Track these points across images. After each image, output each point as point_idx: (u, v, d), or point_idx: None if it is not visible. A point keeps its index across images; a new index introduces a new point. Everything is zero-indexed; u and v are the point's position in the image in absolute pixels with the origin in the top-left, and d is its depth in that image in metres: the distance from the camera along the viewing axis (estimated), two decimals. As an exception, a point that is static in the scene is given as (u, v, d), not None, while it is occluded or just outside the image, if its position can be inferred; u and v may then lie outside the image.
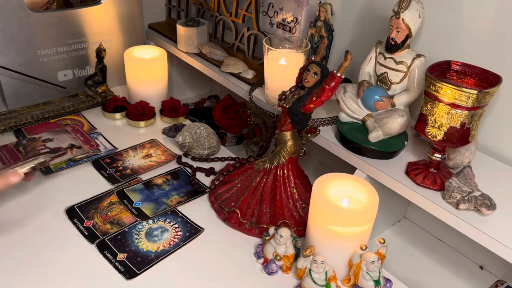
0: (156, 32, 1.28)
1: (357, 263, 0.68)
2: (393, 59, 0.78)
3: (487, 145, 0.83)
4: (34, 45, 1.07)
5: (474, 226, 0.66)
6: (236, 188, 0.85)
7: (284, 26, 1.01)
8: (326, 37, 0.92)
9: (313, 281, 0.67)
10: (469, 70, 0.70)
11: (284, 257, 0.72)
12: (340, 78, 0.72)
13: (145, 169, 0.94)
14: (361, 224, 0.68)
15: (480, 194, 0.68)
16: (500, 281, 0.78)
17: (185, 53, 1.17)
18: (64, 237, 0.76)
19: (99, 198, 0.85)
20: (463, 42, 0.81)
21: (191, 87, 1.43)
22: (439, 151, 0.72)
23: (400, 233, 0.93)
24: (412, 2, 0.73)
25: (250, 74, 1.05)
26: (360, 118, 0.84)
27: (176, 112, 1.12)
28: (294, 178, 0.83)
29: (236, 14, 1.08)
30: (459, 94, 0.63)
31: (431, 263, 0.87)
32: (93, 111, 1.13)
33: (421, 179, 0.73)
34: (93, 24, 1.15)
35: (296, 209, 0.82)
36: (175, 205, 0.85)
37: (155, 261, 0.73)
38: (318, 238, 0.70)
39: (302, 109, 0.76)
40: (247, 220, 0.80)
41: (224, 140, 1.16)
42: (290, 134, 0.81)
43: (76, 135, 1.01)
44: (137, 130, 1.08)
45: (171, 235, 0.78)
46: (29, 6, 1.03)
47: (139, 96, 1.13)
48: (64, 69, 1.14)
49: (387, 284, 0.70)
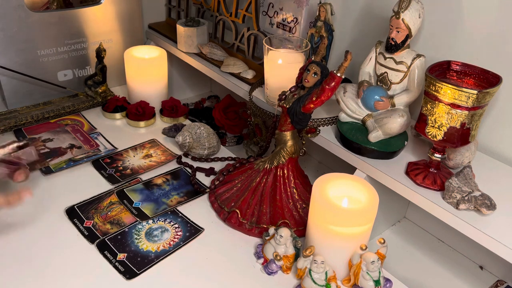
0: (156, 32, 1.28)
1: (357, 263, 0.68)
2: (393, 59, 0.78)
3: (487, 145, 0.83)
4: (34, 45, 1.07)
5: (474, 226, 0.66)
6: (236, 188, 0.85)
7: (284, 26, 1.01)
8: (326, 37, 0.92)
9: (313, 281, 0.67)
10: (469, 70, 0.70)
11: (284, 257, 0.72)
12: (340, 78, 0.72)
13: (145, 169, 0.94)
14: (361, 224, 0.68)
15: (480, 194, 0.68)
16: (500, 281, 0.78)
17: (185, 53, 1.17)
18: (64, 237, 0.76)
19: (99, 198, 0.85)
20: (463, 42, 0.81)
21: (191, 87, 1.43)
22: (439, 151, 0.72)
23: (400, 233, 0.93)
24: (412, 2, 0.73)
25: (250, 74, 1.05)
26: (360, 118, 0.84)
27: (176, 112, 1.12)
28: (294, 178, 0.83)
29: (236, 14, 1.08)
30: (459, 94, 0.63)
31: (431, 263, 0.87)
32: (93, 111, 1.13)
33: (421, 179, 0.73)
34: (93, 24, 1.15)
35: (296, 209, 0.82)
36: (175, 205, 0.85)
37: (155, 261, 0.73)
38: (318, 238, 0.70)
39: (302, 109, 0.76)
40: (247, 220, 0.80)
41: (224, 140, 1.16)
42: (290, 134, 0.81)
43: (76, 135, 1.01)
44: (137, 130, 1.08)
45: (171, 235, 0.78)
46: (29, 6, 1.03)
47: (139, 96, 1.13)
48: (64, 69, 1.14)
49: (387, 284, 0.70)
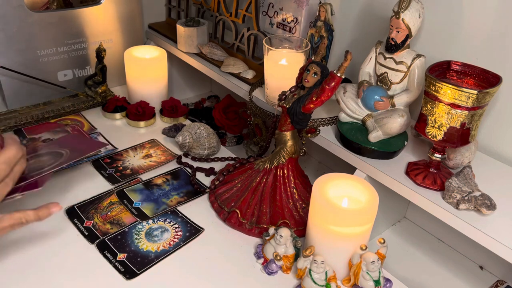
0: (156, 32, 1.28)
1: (357, 263, 0.68)
2: (393, 59, 0.78)
3: (487, 145, 0.83)
4: (34, 45, 1.07)
5: (474, 226, 0.66)
6: (236, 188, 0.85)
7: (284, 26, 1.01)
8: (326, 37, 0.92)
9: (313, 281, 0.67)
10: (469, 70, 0.70)
11: (284, 257, 0.72)
12: (340, 78, 0.72)
13: (145, 169, 0.94)
14: (361, 224, 0.68)
15: (480, 194, 0.68)
16: (500, 281, 0.78)
17: (185, 53, 1.17)
18: (64, 237, 0.76)
19: (99, 198, 0.85)
20: (463, 42, 0.81)
21: (191, 87, 1.43)
22: (439, 151, 0.72)
23: (400, 233, 0.93)
24: (412, 2, 0.73)
25: (250, 74, 1.05)
26: (360, 118, 0.84)
27: (176, 112, 1.12)
28: (294, 178, 0.83)
29: (236, 14, 1.08)
30: (459, 94, 0.63)
31: (431, 263, 0.87)
32: (93, 111, 1.13)
33: (421, 179, 0.73)
34: (93, 24, 1.14)
35: (296, 209, 0.82)
36: (175, 205, 0.85)
37: (155, 261, 0.73)
38: (318, 238, 0.70)
39: (302, 109, 0.76)
40: (247, 220, 0.80)
41: (224, 140, 1.16)
42: (290, 134, 0.81)
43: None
44: (137, 130, 1.08)
45: (171, 235, 0.78)
46: (29, 6, 1.03)
47: (139, 96, 1.13)
48: (64, 69, 1.14)
49: (387, 284, 0.70)
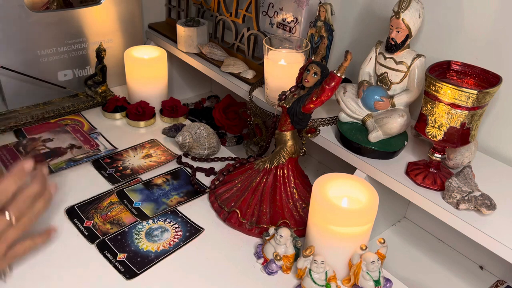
0: (156, 32, 1.28)
1: (357, 263, 0.68)
2: (393, 59, 0.78)
3: (487, 145, 0.83)
4: (34, 45, 1.07)
5: (474, 226, 0.66)
6: (236, 188, 0.85)
7: (284, 26, 1.01)
8: (326, 37, 0.92)
9: (313, 281, 0.67)
10: (469, 70, 0.70)
11: (284, 257, 0.72)
12: (340, 78, 0.72)
13: (145, 169, 0.94)
14: (361, 224, 0.68)
15: (480, 194, 0.68)
16: (500, 281, 0.78)
17: (185, 53, 1.17)
18: (64, 237, 0.76)
19: (99, 198, 0.85)
20: (463, 42, 0.81)
21: (191, 87, 1.43)
22: (439, 151, 0.72)
23: (400, 233, 0.93)
24: (412, 2, 0.73)
25: (250, 74, 1.05)
26: (360, 118, 0.84)
27: (176, 112, 1.11)
28: (294, 178, 0.83)
29: (236, 14, 1.08)
30: (459, 94, 0.63)
31: (431, 263, 0.87)
32: (93, 111, 1.13)
33: (421, 179, 0.73)
34: (93, 24, 1.14)
35: (296, 209, 0.82)
36: (175, 205, 0.85)
37: (155, 261, 0.73)
38: (318, 238, 0.70)
39: (302, 109, 0.76)
40: (247, 220, 0.80)
41: (224, 140, 1.16)
42: (290, 134, 0.81)
43: (76, 135, 1.01)
44: (137, 130, 1.08)
45: (171, 235, 0.78)
46: (29, 6, 1.03)
47: (139, 96, 1.13)
48: (64, 69, 1.14)
49: (387, 284, 0.70)
